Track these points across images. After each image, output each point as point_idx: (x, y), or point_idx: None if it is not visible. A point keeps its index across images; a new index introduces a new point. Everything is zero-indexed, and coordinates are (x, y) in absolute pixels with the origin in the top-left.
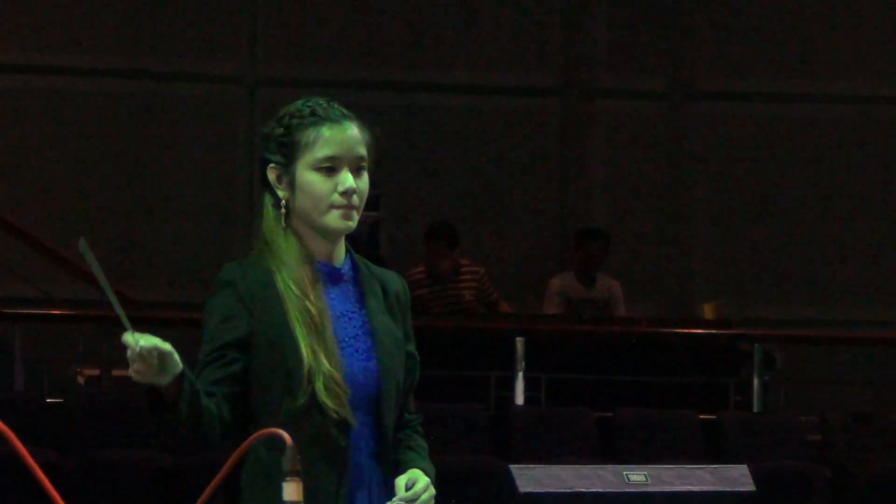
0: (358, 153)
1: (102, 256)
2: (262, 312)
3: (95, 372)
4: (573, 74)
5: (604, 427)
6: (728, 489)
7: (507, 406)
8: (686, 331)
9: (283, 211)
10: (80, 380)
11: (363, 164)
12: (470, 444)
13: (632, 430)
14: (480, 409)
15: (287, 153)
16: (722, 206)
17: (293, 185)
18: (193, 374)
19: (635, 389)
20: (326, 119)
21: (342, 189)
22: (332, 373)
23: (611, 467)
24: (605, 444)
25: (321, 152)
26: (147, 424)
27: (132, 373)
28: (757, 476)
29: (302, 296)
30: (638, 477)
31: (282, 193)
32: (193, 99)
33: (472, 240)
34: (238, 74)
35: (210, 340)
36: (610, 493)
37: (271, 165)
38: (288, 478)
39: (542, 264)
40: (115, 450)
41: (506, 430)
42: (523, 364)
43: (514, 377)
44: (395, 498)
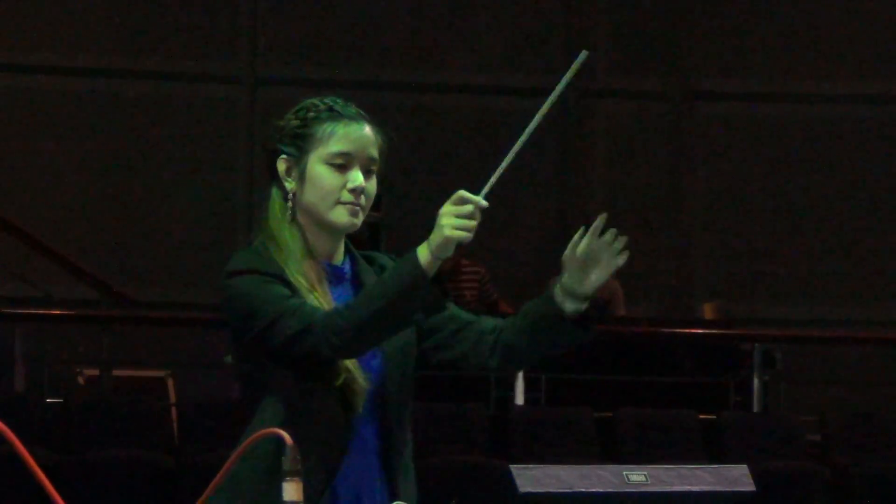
0: (370, 154)
1: (102, 256)
2: None
3: (95, 372)
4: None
5: (604, 427)
6: (728, 489)
7: (507, 406)
8: (686, 331)
9: (290, 203)
10: (80, 380)
11: (373, 167)
12: (470, 444)
13: (632, 430)
14: (480, 409)
15: (300, 145)
16: (722, 206)
17: (302, 178)
18: (291, 312)
19: (635, 389)
20: (343, 116)
21: (352, 186)
22: (352, 364)
23: (611, 467)
24: (605, 444)
25: (335, 147)
26: (147, 425)
27: (464, 232)
28: (757, 476)
29: (310, 288)
30: (638, 477)
31: (290, 185)
32: (193, 99)
33: (472, 240)
34: (238, 74)
35: (272, 299)
36: (610, 493)
37: (282, 157)
38: (288, 478)
39: (542, 264)
40: (115, 450)
41: (506, 430)
42: None
43: (514, 377)
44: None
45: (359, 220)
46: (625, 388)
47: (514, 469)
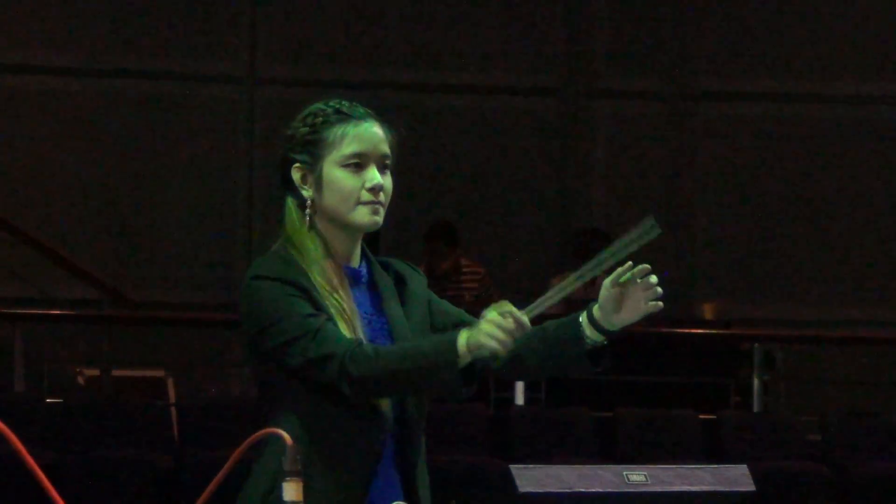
0: (383, 151)
1: (102, 256)
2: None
3: (95, 372)
4: (573, 74)
5: (604, 427)
6: (728, 489)
7: (507, 406)
8: (686, 331)
9: (309, 211)
10: (80, 380)
11: (387, 163)
12: (470, 444)
13: (632, 430)
14: (480, 409)
15: (313, 152)
16: (722, 206)
17: (320, 184)
18: (312, 333)
19: (635, 389)
20: (352, 117)
21: (370, 185)
22: None
23: (611, 467)
24: (605, 444)
25: (349, 149)
26: (147, 425)
27: (499, 345)
28: (757, 476)
29: (332, 291)
30: (638, 477)
31: (307, 193)
32: (193, 99)
33: (472, 240)
34: (238, 74)
35: (293, 315)
36: (610, 493)
37: (296, 165)
38: (288, 478)
39: (542, 264)
40: (115, 450)
41: (506, 430)
42: None
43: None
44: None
45: (380, 219)
46: (624, 388)
47: (514, 469)
